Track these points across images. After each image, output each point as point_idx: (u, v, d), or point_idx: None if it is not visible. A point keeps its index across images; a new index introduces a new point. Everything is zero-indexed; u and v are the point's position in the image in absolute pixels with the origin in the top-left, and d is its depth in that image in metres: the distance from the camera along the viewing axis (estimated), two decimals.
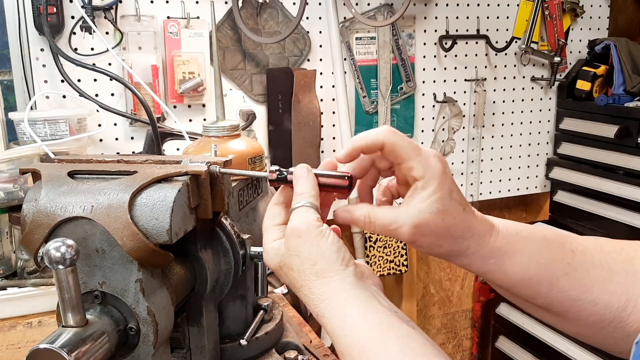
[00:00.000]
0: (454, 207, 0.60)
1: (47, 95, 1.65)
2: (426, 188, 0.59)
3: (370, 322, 0.56)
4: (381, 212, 0.61)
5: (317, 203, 0.63)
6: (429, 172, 0.59)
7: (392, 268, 2.18)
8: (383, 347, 0.54)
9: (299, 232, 0.60)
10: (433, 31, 2.14)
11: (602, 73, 2.22)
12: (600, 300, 0.60)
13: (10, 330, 1.12)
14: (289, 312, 1.21)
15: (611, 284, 0.60)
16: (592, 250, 0.62)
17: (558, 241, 0.63)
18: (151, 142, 1.40)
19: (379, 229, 0.61)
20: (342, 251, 0.60)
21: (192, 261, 0.77)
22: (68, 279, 0.57)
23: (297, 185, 0.64)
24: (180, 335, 0.80)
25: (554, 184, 2.43)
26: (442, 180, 0.59)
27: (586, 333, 0.62)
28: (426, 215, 0.59)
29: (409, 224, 0.59)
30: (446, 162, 0.61)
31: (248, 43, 1.89)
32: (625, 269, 0.60)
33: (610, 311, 0.60)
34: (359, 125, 2.09)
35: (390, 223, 0.60)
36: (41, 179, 0.67)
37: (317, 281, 0.59)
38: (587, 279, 0.60)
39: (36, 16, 1.59)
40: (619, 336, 0.60)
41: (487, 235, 0.61)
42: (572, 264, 0.61)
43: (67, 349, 0.56)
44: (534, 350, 2.21)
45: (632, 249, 0.62)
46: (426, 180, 0.59)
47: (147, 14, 1.74)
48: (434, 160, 0.60)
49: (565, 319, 0.62)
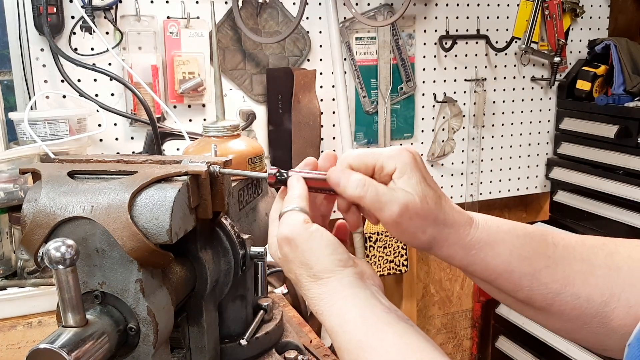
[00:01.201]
0: (431, 192, 0.61)
1: (47, 95, 1.65)
2: (402, 176, 0.60)
3: (369, 319, 0.56)
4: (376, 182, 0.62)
5: (304, 204, 0.63)
6: (399, 162, 0.61)
7: (392, 268, 2.18)
8: (381, 344, 0.54)
9: (287, 239, 0.61)
10: (433, 31, 2.14)
11: (602, 73, 2.22)
12: (582, 294, 0.60)
13: (10, 330, 1.12)
14: (289, 312, 1.21)
15: (593, 277, 0.60)
16: (574, 244, 0.63)
17: (539, 235, 0.63)
18: (151, 142, 1.40)
19: (370, 197, 0.60)
20: (338, 252, 0.60)
21: (192, 261, 0.77)
22: (68, 279, 0.57)
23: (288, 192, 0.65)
24: (180, 335, 0.80)
25: (554, 184, 2.43)
26: (413, 167, 0.61)
27: (570, 328, 0.62)
28: (414, 198, 0.59)
29: (400, 202, 0.59)
30: (416, 152, 0.63)
31: (248, 43, 1.89)
32: (607, 264, 0.61)
33: (593, 305, 0.60)
34: (359, 125, 2.09)
35: (382, 194, 0.60)
36: (41, 179, 0.67)
37: (315, 283, 0.59)
38: (569, 272, 0.61)
39: (36, 16, 1.59)
40: (603, 332, 0.60)
41: (467, 226, 0.62)
42: (554, 257, 0.61)
43: (67, 349, 0.56)
44: (534, 350, 2.21)
45: (613, 244, 0.63)
46: (399, 169, 0.61)
47: (147, 14, 1.74)
48: (401, 152, 0.62)
49: (548, 313, 0.62)
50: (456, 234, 0.61)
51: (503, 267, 0.61)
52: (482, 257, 0.61)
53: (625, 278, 0.59)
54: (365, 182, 0.61)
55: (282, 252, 0.62)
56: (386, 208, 0.60)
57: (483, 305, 2.48)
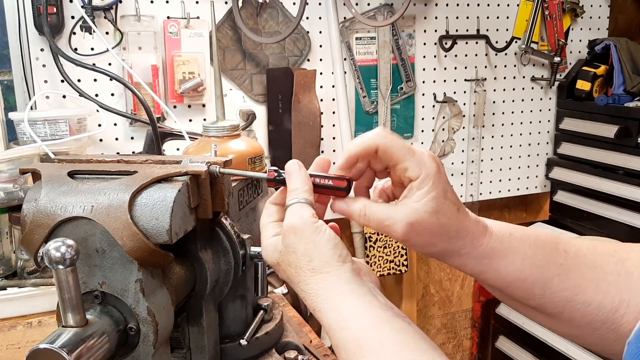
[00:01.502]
0: (448, 206, 0.60)
1: (47, 95, 1.65)
2: (421, 187, 0.59)
3: (367, 316, 0.56)
4: (377, 208, 0.62)
5: (311, 198, 0.63)
6: (424, 171, 0.60)
7: (392, 268, 2.18)
8: (379, 340, 0.54)
9: (294, 229, 0.61)
10: (433, 31, 2.14)
11: (602, 73, 2.22)
12: (593, 301, 0.60)
13: (10, 330, 1.12)
14: (289, 312, 1.21)
15: (604, 284, 0.60)
16: (586, 251, 0.63)
17: (551, 242, 0.63)
18: (151, 142, 1.40)
19: (374, 224, 0.61)
20: (339, 248, 0.61)
21: (192, 261, 0.77)
22: (68, 279, 0.57)
23: (290, 181, 0.65)
24: (180, 335, 0.80)
25: (554, 184, 2.43)
26: (436, 180, 0.60)
27: (580, 334, 0.62)
28: (421, 214, 0.59)
29: (404, 222, 0.59)
30: (440, 162, 0.62)
31: (248, 43, 1.89)
32: (617, 270, 0.60)
33: (604, 312, 0.60)
34: (359, 125, 2.09)
35: (386, 219, 0.60)
36: (41, 179, 0.67)
37: (314, 277, 0.60)
38: (580, 279, 0.61)
39: (36, 16, 1.59)
40: (612, 338, 0.60)
41: (481, 236, 0.61)
42: (566, 264, 0.61)
43: (67, 349, 0.56)
44: (534, 350, 2.21)
45: (624, 250, 0.63)
46: (421, 179, 0.60)
47: (147, 14, 1.74)
48: (428, 160, 0.60)
49: (559, 320, 0.62)
50: (469, 245, 0.61)
51: (515, 276, 0.61)
52: (494, 266, 0.61)
53: (636, 284, 0.59)
54: (366, 212, 0.62)
55: (287, 241, 0.61)
56: (391, 230, 0.60)
57: (483, 305, 2.48)
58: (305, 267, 0.60)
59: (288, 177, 0.65)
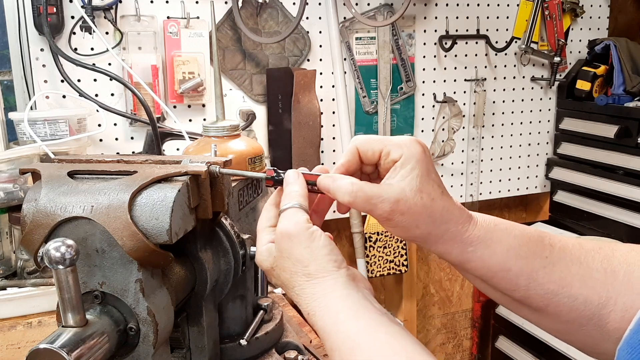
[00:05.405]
0: (433, 187, 0.60)
1: (47, 95, 1.65)
2: (404, 166, 0.60)
3: (362, 319, 0.56)
4: (366, 185, 0.61)
5: (306, 203, 0.63)
6: (405, 151, 0.61)
7: (392, 268, 2.18)
8: (373, 344, 0.54)
9: (289, 234, 0.61)
10: (433, 31, 2.14)
11: (602, 73, 2.22)
12: (579, 296, 0.60)
13: (10, 330, 1.12)
14: (289, 312, 1.21)
15: (590, 280, 0.60)
16: (571, 247, 0.63)
17: (536, 236, 0.63)
18: (151, 142, 1.40)
19: (361, 201, 0.60)
20: (334, 253, 0.61)
21: (192, 261, 0.77)
22: (68, 279, 0.57)
23: (286, 186, 0.65)
24: (180, 335, 0.80)
25: (553, 184, 2.43)
26: (420, 159, 0.60)
27: (566, 330, 0.62)
28: (406, 193, 0.59)
29: (390, 199, 0.59)
30: (425, 145, 0.63)
31: (248, 43, 1.89)
32: (603, 267, 0.60)
33: (590, 307, 0.60)
34: (359, 125, 2.09)
35: (373, 197, 0.60)
36: (41, 179, 0.67)
37: (310, 282, 0.60)
38: (566, 273, 0.61)
39: (36, 16, 1.59)
40: (598, 335, 0.60)
41: (466, 223, 0.61)
42: (551, 258, 0.61)
43: (67, 349, 0.56)
44: (534, 350, 2.21)
45: (609, 248, 0.63)
46: (404, 159, 0.60)
47: (147, 14, 1.74)
48: (409, 142, 0.61)
49: (544, 314, 0.62)
50: (453, 230, 0.61)
51: (500, 266, 0.61)
52: (478, 254, 0.61)
53: (622, 282, 0.59)
54: (354, 188, 0.61)
55: (281, 247, 0.61)
56: (378, 208, 0.60)
57: (483, 305, 2.48)
58: (301, 272, 0.60)
59: (285, 182, 0.66)
